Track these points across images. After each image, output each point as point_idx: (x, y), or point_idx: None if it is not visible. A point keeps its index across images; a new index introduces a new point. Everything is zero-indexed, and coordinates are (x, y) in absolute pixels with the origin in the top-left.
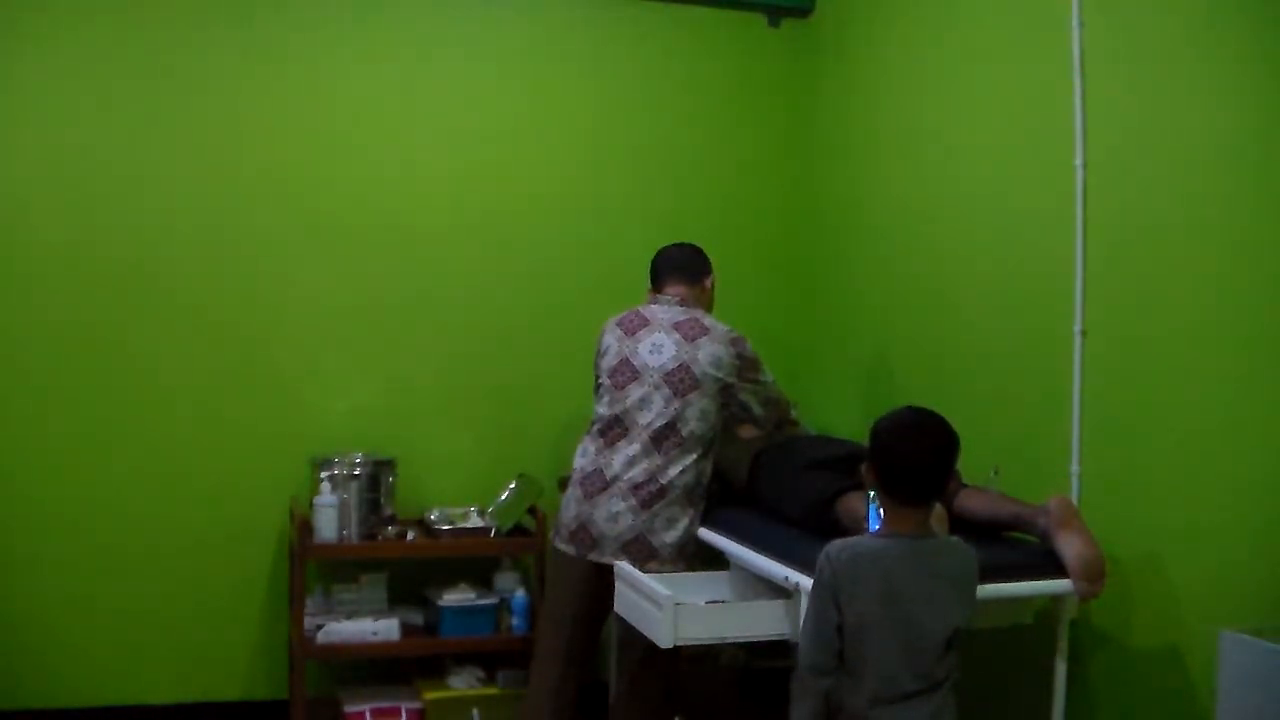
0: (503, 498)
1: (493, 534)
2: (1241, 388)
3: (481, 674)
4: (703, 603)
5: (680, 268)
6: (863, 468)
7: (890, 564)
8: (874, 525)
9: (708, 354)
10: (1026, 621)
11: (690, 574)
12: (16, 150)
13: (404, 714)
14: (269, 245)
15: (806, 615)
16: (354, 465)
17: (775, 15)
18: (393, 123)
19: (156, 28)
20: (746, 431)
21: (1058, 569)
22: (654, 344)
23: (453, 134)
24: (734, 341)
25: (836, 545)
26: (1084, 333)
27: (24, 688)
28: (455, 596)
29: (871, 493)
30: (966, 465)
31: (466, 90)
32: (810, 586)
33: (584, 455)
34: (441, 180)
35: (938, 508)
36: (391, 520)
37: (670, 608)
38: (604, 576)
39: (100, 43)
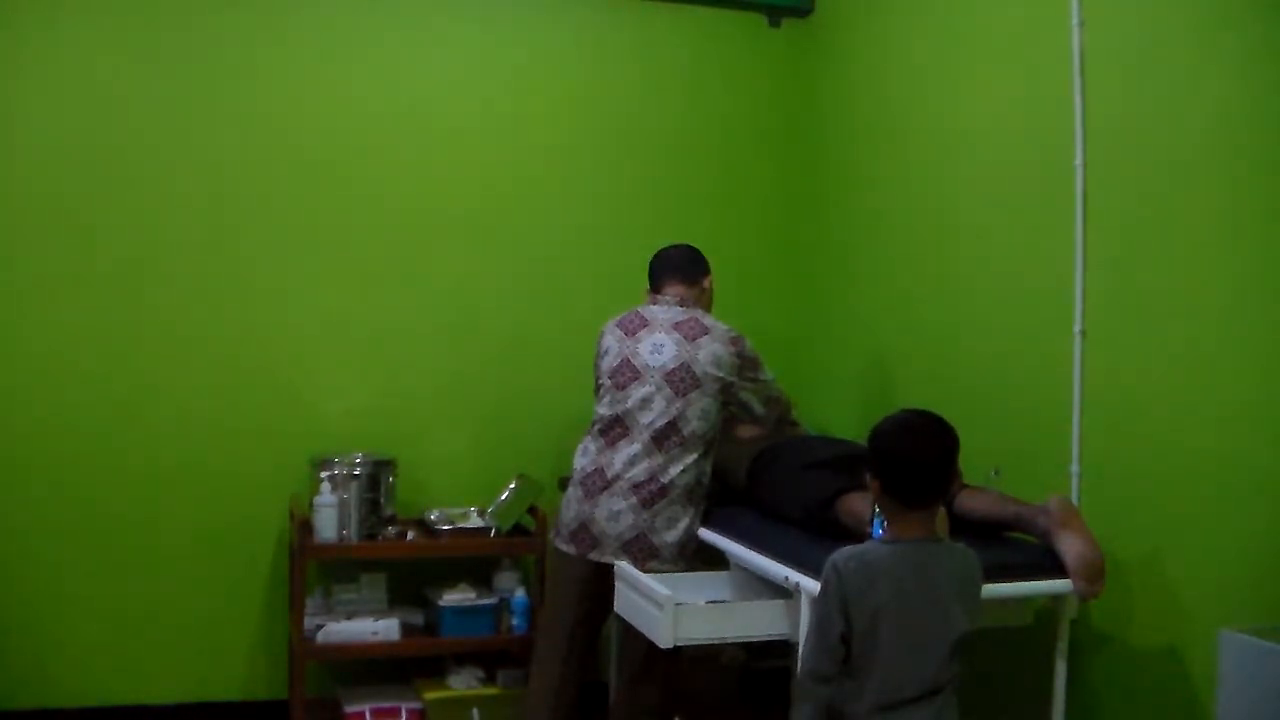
0: (503, 498)
1: (493, 534)
2: (1241, 387)
3: (481, 674)
4: (703, 603)
5: (678, 269)
6: (865, 476)
7: (898, 572)
8: (877, 533)
9: (708, 353)
10: (1026, 622)
11: (690, 574)
12: (15, 149)
13: (404, 714)
14: (269, 245)
15: (811, 622)
16: (354, 465)
17: (775, 15)
18: (392, 123)
19: (155, 27)
20: (745, 431)
21: (1058, 569)
22: (654, 344)
23: (451, 134)
24: (734, 340)
25: (844, 554)
26: (1084, 333)
27: (24, 688)
28: (455, 596)
29: (876, 507)
30: (966, 465)
31: (465, 91)
32: (811, 588)
33: (584, 455)
34: (441, 180)
35: (940, 509)
36: (391, 520)
37: (670, 608)
38: (604, 577)
39: (98, 42)
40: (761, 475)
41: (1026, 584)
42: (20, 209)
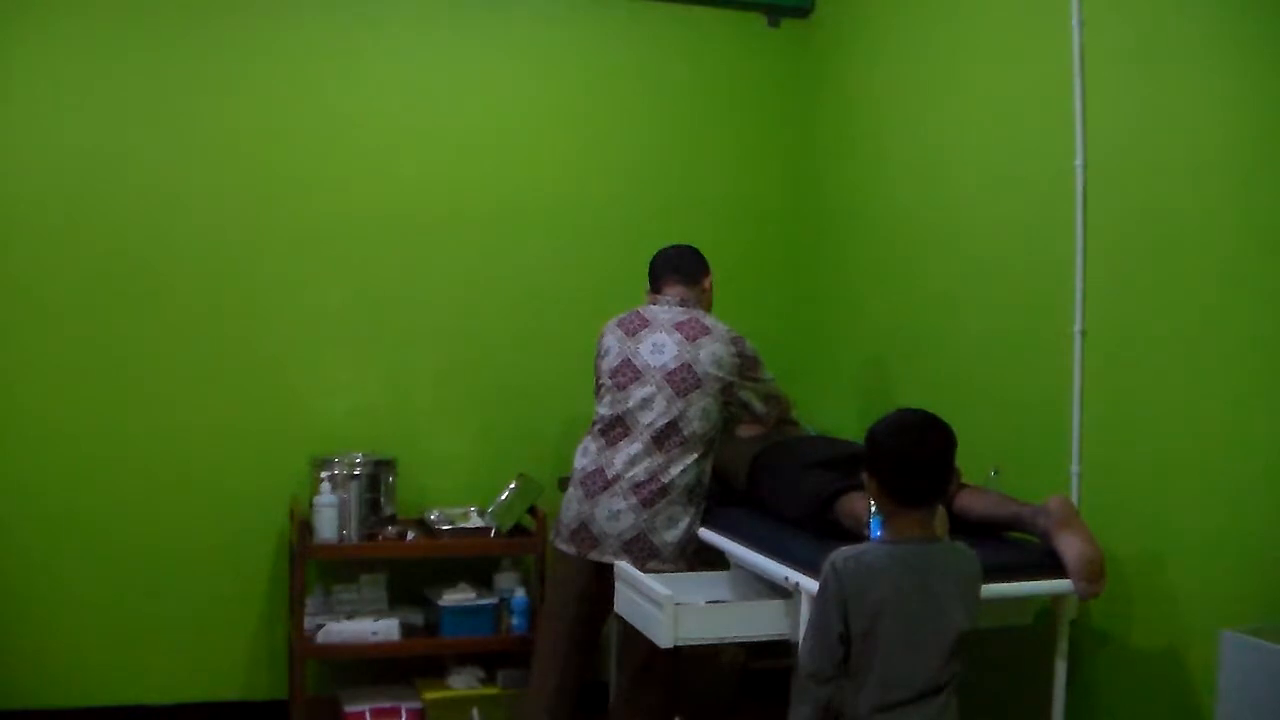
0: (503, 498)
1: (493, 534)
2: (1242, 388)
3: (481, 674)
4: (703, 603)
5: (679, 269)
6: (863, 476)
7: (897, 572)
8: (875, 534)
9: (709, 353)
10: (1026, 622)
11: (690, 574)
12: (16, 150)
13: (404, 714)
14: (269, 245)
15: (809, 622)
16: (354, 465)
17: (775, 15)
18: (392, 122)
19: (158, 26)
20: (745, 430)
21: (1058, 569)
22: (655, 344)
23: (451, 133)
24: (734, 340)
25: (842, 555)
26: (1084, 333)
27: (24, 688)
28: (455, 596)
29: (873, 505)
30: (966, 465)
31: (465, 89)
32: (811, 588)
33: (585, 455)
34: (441, 180)
35: (939, 509)
36: (391, 520)
37: (670, 608)
38: (604, 577)
39: (100, 41)
40: (761, 475)
41: (1026, 584)
42: (19, 212)
